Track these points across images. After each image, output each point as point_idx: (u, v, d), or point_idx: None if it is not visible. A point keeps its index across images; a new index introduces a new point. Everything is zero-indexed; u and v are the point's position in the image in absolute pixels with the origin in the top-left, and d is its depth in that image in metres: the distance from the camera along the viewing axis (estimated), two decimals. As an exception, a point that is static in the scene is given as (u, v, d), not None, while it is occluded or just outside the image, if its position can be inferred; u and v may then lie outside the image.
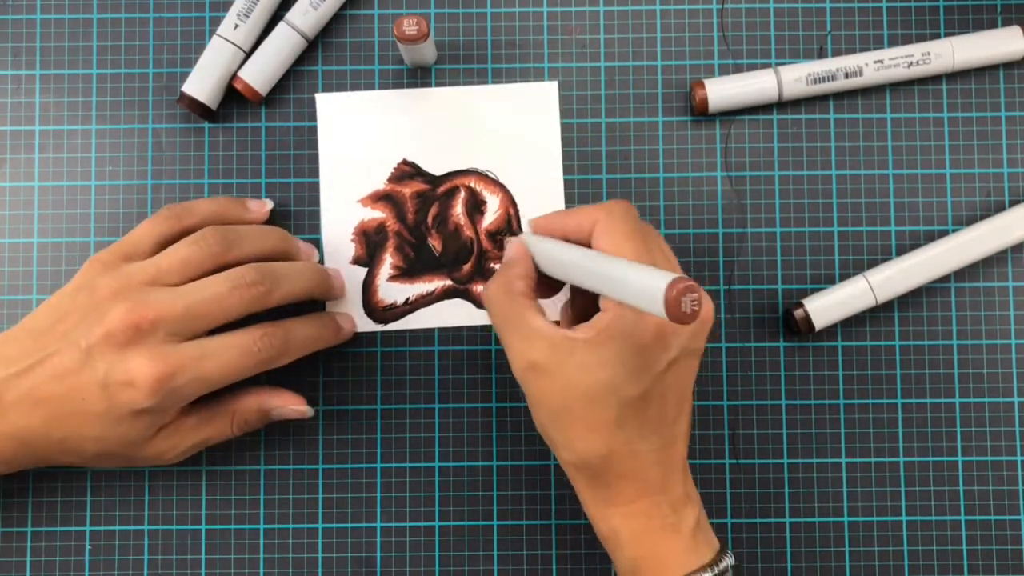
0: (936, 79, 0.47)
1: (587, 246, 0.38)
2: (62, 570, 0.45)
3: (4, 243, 0.46)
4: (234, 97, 0.46)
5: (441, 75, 0.47)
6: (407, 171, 0.47)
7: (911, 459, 0.46)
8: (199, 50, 0.46)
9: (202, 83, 0.45)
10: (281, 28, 0.45)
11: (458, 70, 0.47)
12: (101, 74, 0.47)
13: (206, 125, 0.47)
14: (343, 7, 0.47)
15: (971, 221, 0.46)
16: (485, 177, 0.46)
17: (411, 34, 0.42)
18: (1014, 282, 0.46)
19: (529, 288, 0.38)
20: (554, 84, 0.47)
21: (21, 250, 0.46)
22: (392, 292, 0.46)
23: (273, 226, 0.44)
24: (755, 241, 0.46)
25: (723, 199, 0.46)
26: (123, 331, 0.37)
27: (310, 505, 0.45)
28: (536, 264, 0.39)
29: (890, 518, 0.45)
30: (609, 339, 0.35)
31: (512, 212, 0.46)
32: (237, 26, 0.45)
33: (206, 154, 0.47)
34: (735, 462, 0.46)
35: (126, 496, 0.45)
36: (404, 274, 0.46)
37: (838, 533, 0.45)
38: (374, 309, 0.46)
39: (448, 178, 0.47)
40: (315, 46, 0.47)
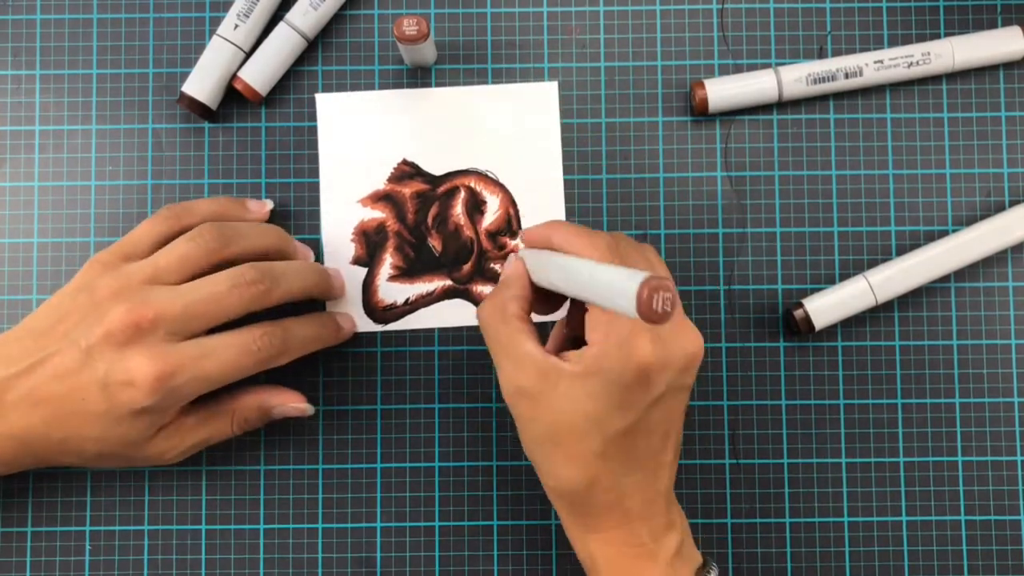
0: (936, 79, 0.47)
1: None
2: (62, 570, 0.45)
3: (4, 243, 0.46)
4: (234, 97, 0.46)
5: (441, 75, 0.47)
6: (407, 171, 0.47)
7: (911, 459, 0.46)
8: (199, 50, 0.46)
9: (202, 83, 0.45)
10: (281, 28, 0.46)
11: (458, 70, 0.47)
12: (101, 74, 0.47)
13: (206, 125, 0.47)
14: (343, 7, 0.47)
15: (971, 221, 0.46)
16: (485, 177, 0.46)
17: (411, 34, 0.42)
18: (1014, 282, 0.46)
19: (523, 310, 0.38)
20: (554, 84, 0.47)
21: (21, 250, 0.46)
22: (392, 292, 0.46)
23: (270, 224, 0.44)
24: (755, 241, 0.46)
25: (723, 199, 0.46)
26: (123, 330, 0.37)
27: (310, 505, 0.45)
28: (531, 278, 0.39)
29: (890, 518, 0.45)
30: (596, 373, 0.35)
31: (512, 212, 0.46)
32: (237, 26, 0.45)
33: (206, 154, 0.47)
34: (735, 462, 0.46)
35: (126, 496, 0.45)
36: (404, 274, 0.46)
37: (838, 533, 0.45)
38: (374, 309, 0.46)
39: (448, 178, 0.47)
40: (315, 46, 0.47)
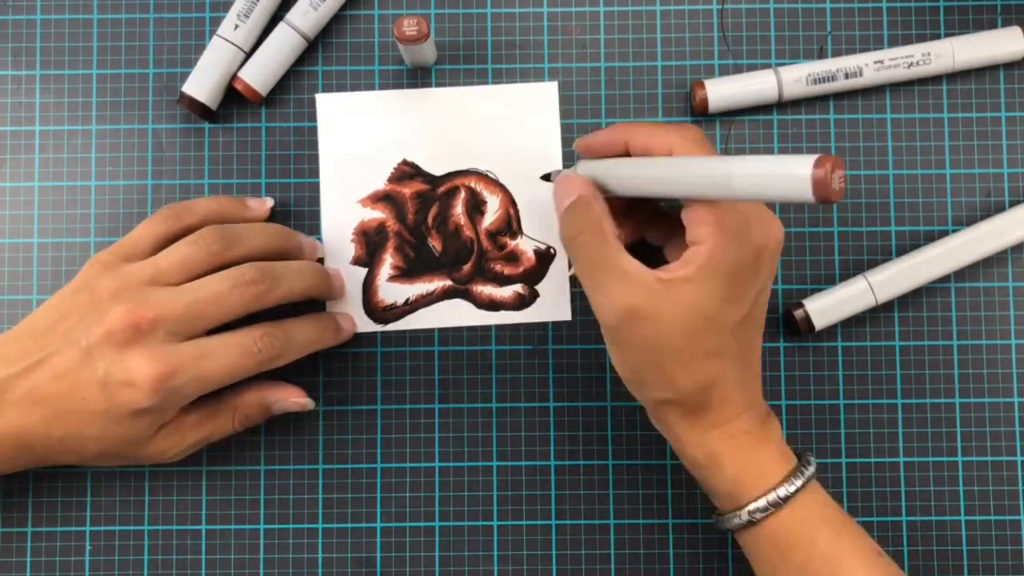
0: (936, 79, 0.47)
1: None
2: (62, 570, 0.45)
3: (4, 243, 0.46)
4: (234, 97, 0.46)
5: (441, 75, 0.47)
6: (407, 171, 0.47)
7: (911, 459, 0.46)
8: (199, 50, 0.46)
9: (202, 83, 0.45)
10: (281, 28, 0.46)
11: (458, 70, 0.47)
12: (101, 74, 0.47)
13: (206, 125, 0.47)
14: (343, 7, 0.47)
15: (971, 221, 0.46)
16: (485, 177, 0.46)
17: (411, 34, 0.42)
18: (1014, 282, 0.46)
19: (615, 228, 0.37)
20: (554, 84, 0.47)
21: (21, 250, 0.46)
22: (392, 292, 0.46)
23: (273, 223, 0.44)
24: (755, 241, 0.46)
25: (723, 199, 0.46)
26: (123, 331, 0.37)
27: (310, 505, 0.45)
28: (607, 190, 0.38)
29: (890, 518, 0.45)
30: (712, 269, 0.35)
31: (512, 212, 0.46)
32: (237, 26, 0.45)
33: (206, 154, 0.47)
34: (735, 462, 0.46)
35: (126, 496, 0.45)
36: (404, 274, 0.46)
37: (838, 533, 0.45)
38: (374, 309, 0.46)
39: (448, 178, 0.47)
40: (315, 46, 0.47)
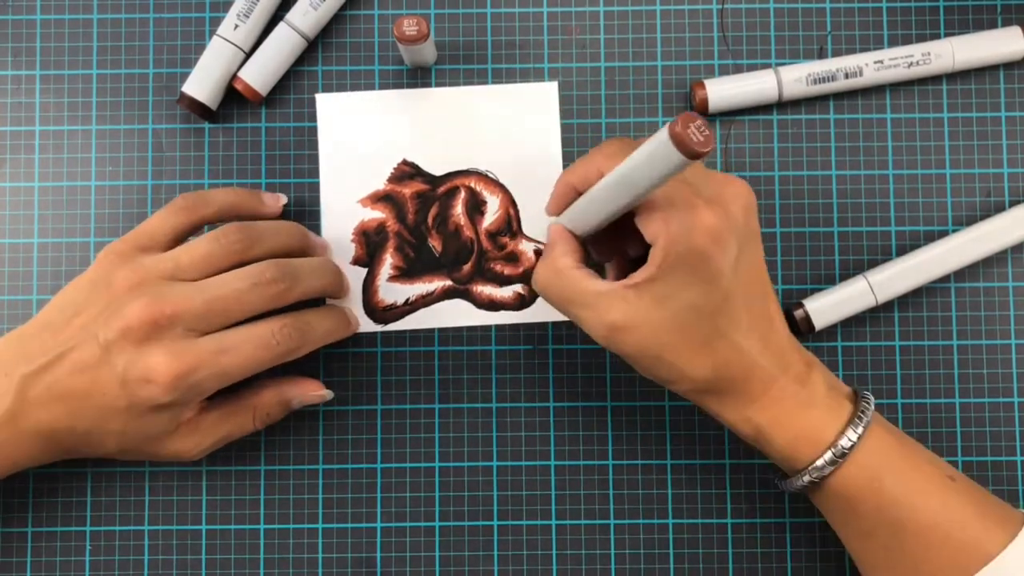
0: (936, 79, 0.47)
1: None
2: (62, 570, 0.45)
3: (4, 243, 0.46)
4: (234, 97, 0.46)
5: (441, 75, 0.47)
6: (407, 171, 0.47)
7: (911, 459, 0.46)
8: (199, 50, 0.46)
9: (202, 83, 0.45)
10: (281, 28, 0.46)
11: (458, 70, 0.47)
12: (101, 74, 0.47)
13: (206, 125, 0.47)
14: (343, 7, 0.47)
15: (971, 221, 0.46)
16: (485, 177, 0.46)
17: (411, 34, 0.42)
18: (1014, 282, 0.46)
19: (577, 261, 0.38)
20: (554, 84, 0.47)
21: (21, 250, 0.46)
22: (392, 292, 0.46)
23: (290, 221, 0.44)
24: (755, 241, 0.46)
25: (723, 199, 0.46)
26: (141, 326, 0.37)
27: (310, 505, 0.45)
28: (576, 233, 0.39)
29: (890, 518, 0.45)
30: (672, 263, 0.35)
31: (512, 212, 0.46)
32: (237, 26, 0.45)
33: (206, 154, 0.47)
34: (735, 462, 0.46)
35: (126, 496, 0.45)
36: (404, 274, 0.46)
37: (838, 533, 0.45)
38: (374, 309, 0.46)
39: (448, 178, 0.47)
40: (315, 46, 0.47)
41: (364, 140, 0.46)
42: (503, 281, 0.46)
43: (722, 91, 0.45)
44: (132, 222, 0.45)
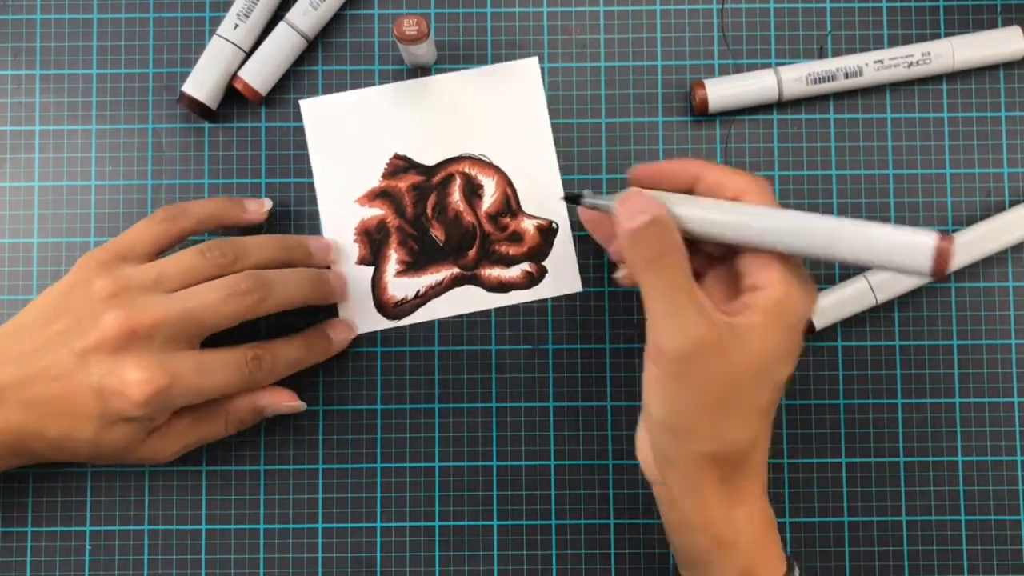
0: (936, 79, 0.47)
1: None
2: (62, 570, 0.45)
3: (4, 243, 0.46)
4: (234, 97, 0.46)
5: (441, 74, 0.47)
6: (400, 165, 0.47)
7: (911, 459, 0.46)
8: (199, 50, 0.46)
9: (202, 83, 0.45)
10: (281, 28, 0.45)
11: (458, 70, 0.47)
12: (101, 74, 0.47)
13: (206, 125, 0.47)
14: (343, 7, 0.47)
15: (971, 221, 0.46)
16: (479, 161, 0.46)
17: (411, 34, 0.42)
18: (1014, 282, 0.46)
19: (688, 262, 0.35)
20: (534, 59, 0.47)
21: (21, 250, 0.46)
22: (401, 287, 0.46)
23: (277, 236, 0.44)
24: (755, 241, 0.46)
25: (723, 199, 0.46)
26: (118, 337, 0.37)
27: (310, 505, 0.45)
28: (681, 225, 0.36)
29: (890, 518, 0.45)
30: (774, 322, 0.34)
31: (510, 192, 0.46)
32: (237, 26, 0.45)
33: (206, 154, 0.47)
34: (735, 462, 0.46)
35: (126, 496, 0.45)
36: (411, 268, 0.46)
37: (838, 533, 0.45)
38: (385, 306, 0.46)
39: (442, 167, 0.47)
40: (315, 46, 0.47)
41: (353, 139, 0.46)
42: (510, 262, 0.46)
43: (722, 91, 0.45)
44: (132, 222, 0.44)
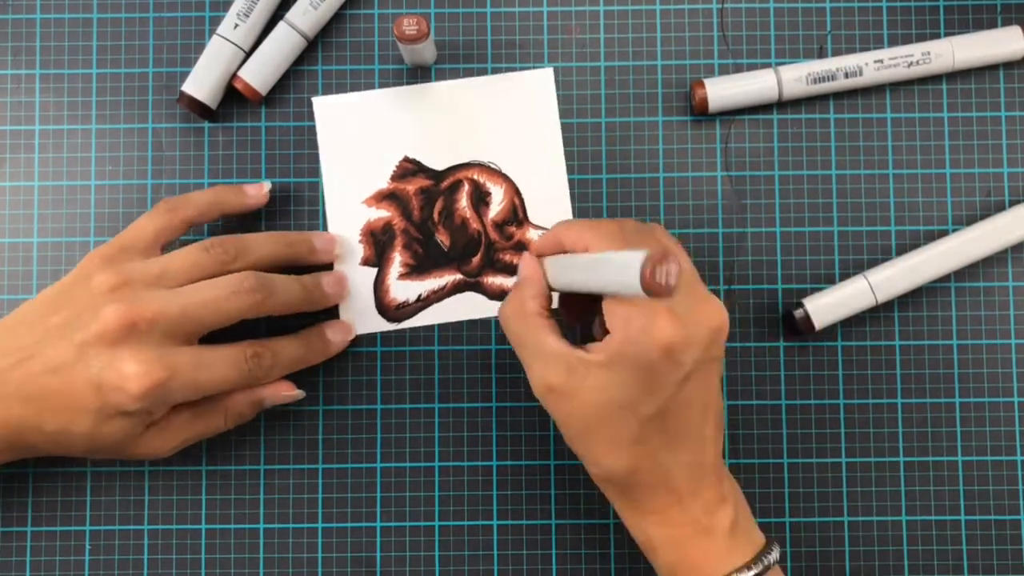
0: (936, 79, 0.47)
1: None
2: (62, 570, 0.45)
3: (4, 243, 0.46)
4: (234, 97, 0.46)
5: (441, 75, 0.47)
6: (409, 168, 0.47)
7: (911, 459, 0.46)
8: (199, 50, 0.46)
9: (202, 83, 0.45)
10: (281, 28, 0.45)
11: (458, 70, 0.47)
12: (101, 74, 0.47)
13: (206, 125, 0.47)
14: (343, 7, 0.47)
15: (971, 221, 0.46)
16: (488, 168, 0.46)
17: (411, 34, 0.42)
18: (1014, 282, 0.46)
19: (542, 307, 0.38)
20: (549, 70, 0.47)
21: (21, 250, 0.46)
22: (403, 290, 0.46)
23: (280, 232, 0.44)
24: (755, 241, 0.46)
25: (723, 199, 0.46)
26: (118, 330, 0.37)
27: (310, 505, 0.45)
28: (549, 283, 0.39)
29: (890, 518, 0.45)
30: (620, 360, 0.35)
31: (517, 201, 0.46)
32: (237, 26, 0.45)
33: (206, 154, 0.46)
34: (735, 462, 0.46)
35: (126, 496, 0.45)
36: (414, 271, 0.46)
37: (838, 533, 0.45)
38: (387, 308, 0.46)
39: (451, 172, 0.47)
40: (315, 46, 0.47)
41: (364, 140, 0.46)
42: (513, 271, 0.46)
43: (722, 90, 0.45)
44: (132, 222, 0.44)
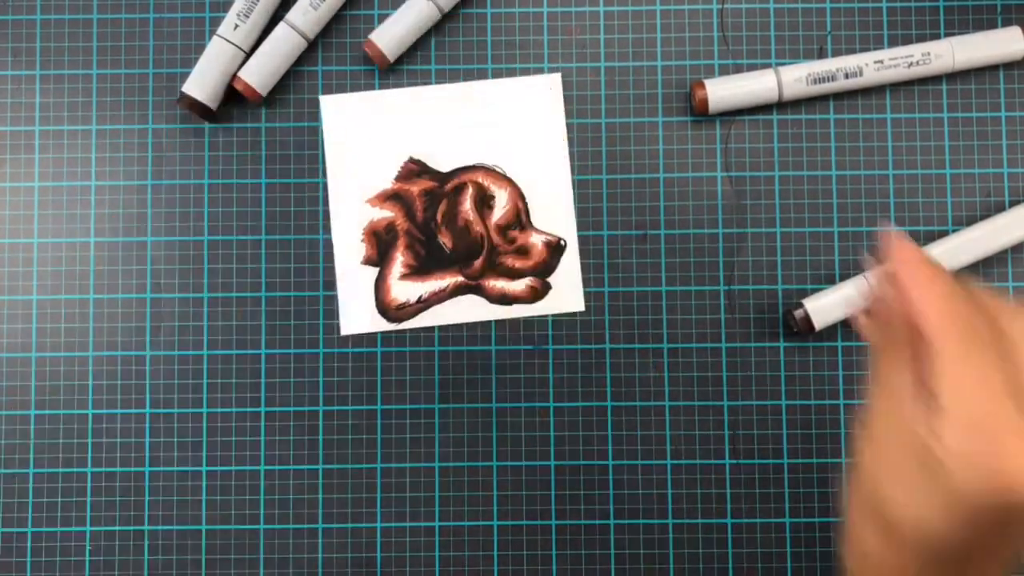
0: (936, 79, 0.47)
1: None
2: (62, 570, 0.45)
3: (4, 243, 0.46)
4: (234, 97, 0.46)
5: (441, 75, 0.47)
6: (414, 169, 0.47)
7: (911, 459, 0.46)
8: (199, 50, 0.46)
9: (202, 83, 0.45)
10: (281, 28, 0.45)
11: (458, 70, 0.47)
12: (101, 74, 0.47)
13: (206, 125, 0.47)
14: (343, 7, 0.47)
15: (971, 221, 0.46)
16: (492, 172, 0.47)
17: None
18: (1014, 282, 0.46)
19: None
20: (557, 76, 0.47)
21: (21, 250, 0.46)
22: (404, 290, 0.46)
23: None
24: (755, 241, 0.46)
25: (723, 199, 0.46)
26: None
27: (310, 505, 0.45)
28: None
29: (890, 518, 0.45)
30: None
31: (521, 205, 0.46)
32: (237, 26, 0.45)
33: (206, 154, 0.47)
34: (735, 462, 0.46)
35: (126, 496, 0.45)
36: (415, 272, 0.46)
37: (839, 533, 0.45)
38: (387, 308, 0.46)
39: (456, 174, 0.47)
40: (315, 46, 0.47)
41: (370, 140, 0.46)
42: (515, 275, 0.46)
43: (722, 91, 0.45)
44: (132, 222, 0.45)
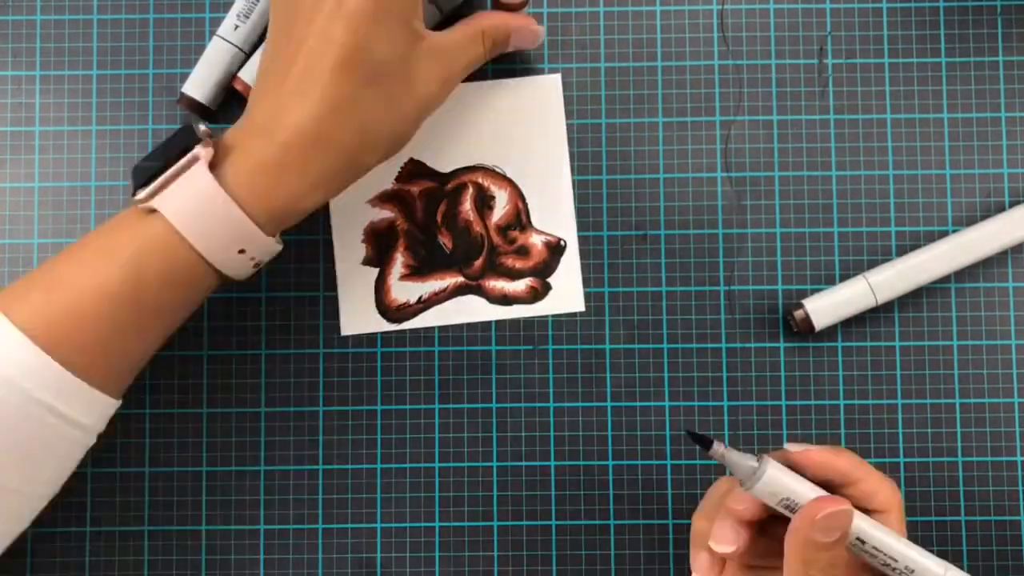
0: (936, 79, 0.47)
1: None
2: (62, 570, 0.45)
3: (4, 243, 0.46)
4: (234, 97, 0.46)
5: (441, 75, 0.47)
6: (414, 169, 0.47)
7: (911, 460, 0.46)
8: (199, 50, 0.46)
9: (202, 84, 0.45)
10: (281, 28, 0.45)
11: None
12: (101, 75, 0.47)
13: (206, 125, 0.47)
14: (343, 7, 0.47)
15: (971, 221, 0.46)
16: (492, 172, 0.47)
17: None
18: (1014, 282, 0.46)
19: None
20: (557, 76, 0.47)
21: (21, 250, 0.46)
22: (404, 291, 0.46)
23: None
24: (755, 241, 0.46)
25: (723, 199, 0.46)
26: None
27: (310, 505, 0.45)
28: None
29: (890, 518, 0.45)
30: None
31: (521, 206, 0.46)
32: (237, 27, 0.45)
33: (206, 154, 0.46)
34: (735, 462, 0.46)
35: (126, 496, 0.45)
36: (416, 272, 0.46)
37: (838, 533, 0.45)
38: (387, 309, 0.46)
39: (456, 175, 0.47)
40: (315, 46, 0.47)
41: (364, 140, 0.46)
42: (515, 275, 0.46)
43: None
44: (132, 222, 0.44)
